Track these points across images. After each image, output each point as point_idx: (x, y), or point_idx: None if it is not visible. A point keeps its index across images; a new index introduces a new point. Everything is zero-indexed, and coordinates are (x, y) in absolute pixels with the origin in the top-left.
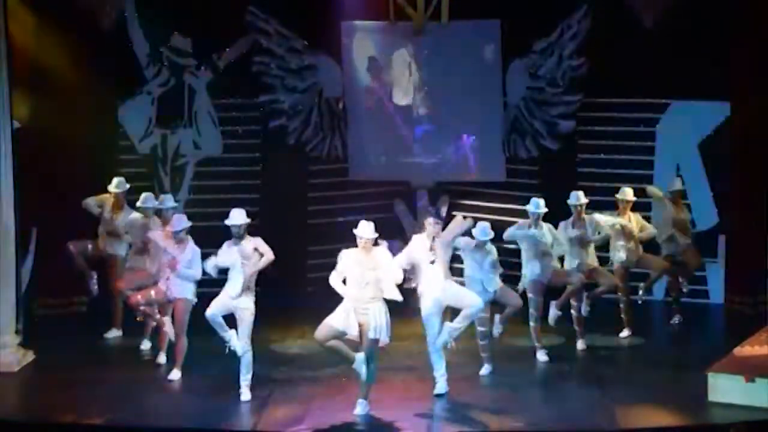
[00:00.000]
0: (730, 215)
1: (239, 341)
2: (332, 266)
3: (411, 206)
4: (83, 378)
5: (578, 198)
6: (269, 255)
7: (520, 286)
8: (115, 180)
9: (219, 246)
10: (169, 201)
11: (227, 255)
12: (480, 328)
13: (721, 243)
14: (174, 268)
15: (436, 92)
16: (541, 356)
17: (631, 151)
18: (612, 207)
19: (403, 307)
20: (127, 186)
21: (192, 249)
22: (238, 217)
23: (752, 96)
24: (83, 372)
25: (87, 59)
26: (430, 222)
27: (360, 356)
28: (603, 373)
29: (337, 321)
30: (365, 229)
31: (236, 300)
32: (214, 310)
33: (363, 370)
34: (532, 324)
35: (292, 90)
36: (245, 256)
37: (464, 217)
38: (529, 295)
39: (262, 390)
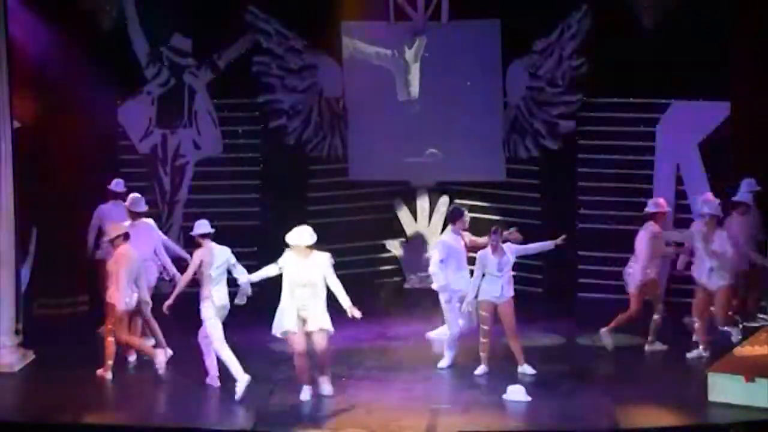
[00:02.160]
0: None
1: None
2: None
3: (411, 206)
4: (83, 378)
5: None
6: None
7: None
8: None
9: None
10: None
11: None
12: (484, 327)
13: None
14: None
15: (436, 92)
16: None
17: (631, 151)
18: (611, 207)
19: (403, 307)
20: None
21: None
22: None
23: (752, 96)
24: (83, 372)
25: (87, 59)
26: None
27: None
28: (603, 373)
29: (290, 324)
30: (296, 237)
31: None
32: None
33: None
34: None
35: (292, 90)
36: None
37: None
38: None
39: (262, 390)
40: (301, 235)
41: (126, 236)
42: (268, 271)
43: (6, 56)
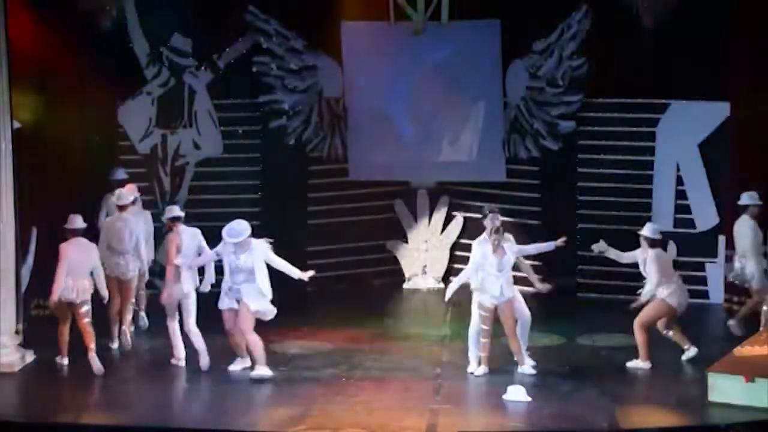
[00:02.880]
0: (730, 215)
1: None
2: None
3: (411, 206)
4: (83, 378)
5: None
6: None
7: None
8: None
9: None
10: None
11: None
12: (484, 327)
13: (721, 243)
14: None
15: (436, 92)
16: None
17: (631, 151)
18: (609, 207)
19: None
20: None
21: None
22: None
23: (752, 96)
24: (83, 372)
25: (87, 59)
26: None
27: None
28: (603, 373)
29: (223, 304)
30: (232, 234)
31: None
32: None
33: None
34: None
35: (292, 90)
36: None
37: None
38: None
39: (263, 390)
40: (236, 232)
41: (74, 232)
42: (207, 256)
43: (6, 56)
